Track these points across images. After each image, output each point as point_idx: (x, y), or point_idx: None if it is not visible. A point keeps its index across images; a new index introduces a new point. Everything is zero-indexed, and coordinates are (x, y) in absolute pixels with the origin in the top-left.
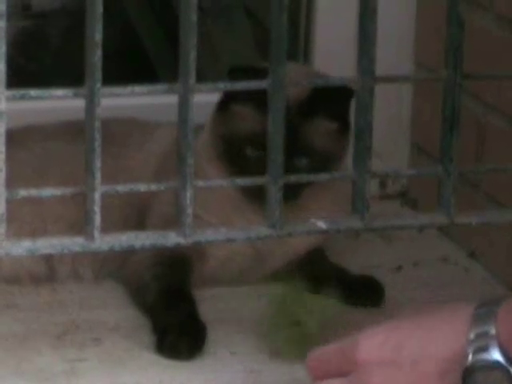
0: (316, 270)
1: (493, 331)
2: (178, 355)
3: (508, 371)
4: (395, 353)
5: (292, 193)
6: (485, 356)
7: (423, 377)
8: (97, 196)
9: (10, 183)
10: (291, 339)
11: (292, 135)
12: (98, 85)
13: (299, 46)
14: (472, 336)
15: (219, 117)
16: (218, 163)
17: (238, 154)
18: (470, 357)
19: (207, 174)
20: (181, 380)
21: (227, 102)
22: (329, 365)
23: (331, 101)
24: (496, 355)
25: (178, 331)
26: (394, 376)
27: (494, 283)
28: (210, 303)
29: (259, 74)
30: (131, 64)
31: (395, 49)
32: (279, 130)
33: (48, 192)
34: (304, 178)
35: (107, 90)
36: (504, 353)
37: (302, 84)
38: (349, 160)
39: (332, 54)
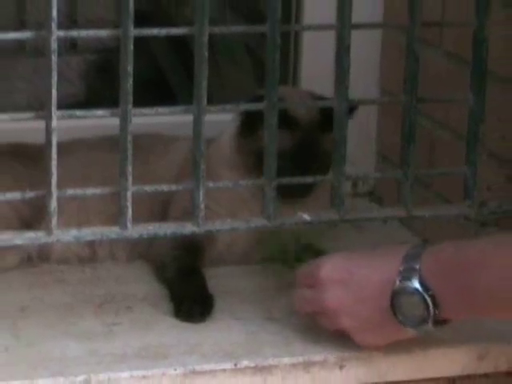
0: (301, 252)
1: (417, 266)
2: (192, 319)
3: (423, 296)
4: (347, 276)
5: (305, 192)
6: (408, 284)
7: (365, 296)
8: (129, 194)
9: (61, 184)
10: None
11: (314, 147)
12: (130, 106)
13: (289, 75)
14: (401, 268)
15: (247, 138)
16: (245, 174)
17: None
18: (398, 283)
19: (222, 177)
20: (195, 340)
21: (253, 126)
22: (305, 279)
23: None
24: (416, 284)
25: (192, 300)
26: (344, 293)
27: None
28: (218, 279)
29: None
30: (156, 90)
31: (364, 78)
32: (273, 141)
33: (90, 191)
34: (294, 180)
35: (137, 110)
36: (422, 283)
37: (292, 106)
38: None
39: (315, 81)
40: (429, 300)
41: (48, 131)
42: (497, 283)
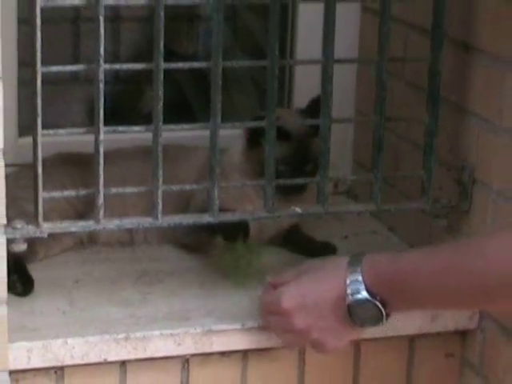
0: (294, 237)
1: (360, 278)
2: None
3: (374, 303)
4: (302, 300)
5: (302, 189)
6: (358, 296)
7: (324, 313)
8: (160, 192)
9: (106, 185)
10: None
11: (307, 152)
12: (160, 123)
13: (284, 99)
14: (348, 281)
15: (253, 148)
16: (252, 178)
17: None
18: (350, 297)
19: (234, 179)
20: (211, 306)
21: (258, 141)
22: (270, 307)
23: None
24: (365, 294)
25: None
26: (306, 315)
27: (404, 247)
28: None
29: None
30: (180, 110)
31: (343, 100)
32: (272, 153)
33: (129, 190)
34: (287, 182)
35: (166, 126)
36: (369, 292)
37: (289, 124)
38: None
39: (305, 104)
40: (379, 304)
41: (96, 143)
42: (425, 288)
